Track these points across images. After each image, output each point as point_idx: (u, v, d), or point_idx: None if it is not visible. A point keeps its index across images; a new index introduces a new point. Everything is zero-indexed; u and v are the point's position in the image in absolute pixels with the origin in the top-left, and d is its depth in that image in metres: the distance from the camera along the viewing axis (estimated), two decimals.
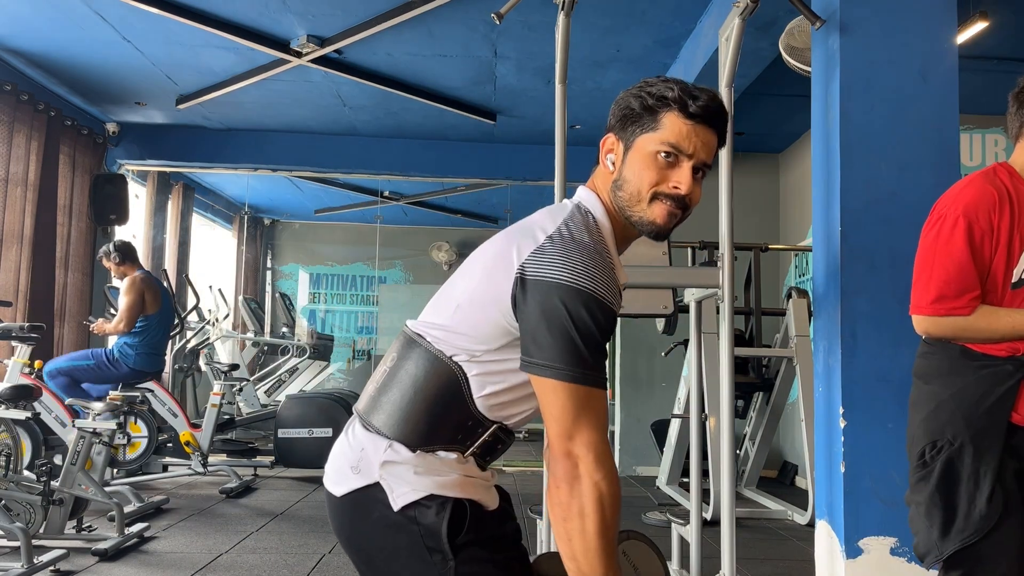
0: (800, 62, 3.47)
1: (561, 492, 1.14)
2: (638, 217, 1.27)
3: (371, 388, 1.31)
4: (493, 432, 1.25)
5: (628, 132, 1.27)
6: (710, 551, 3.55)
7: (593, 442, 1.14)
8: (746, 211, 6.47)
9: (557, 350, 1.14)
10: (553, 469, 1.15)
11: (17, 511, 3.49)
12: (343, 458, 1.28)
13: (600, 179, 1.32)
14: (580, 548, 1.13)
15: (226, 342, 7.90)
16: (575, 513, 1.12)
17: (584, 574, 1.13)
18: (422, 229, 9.99)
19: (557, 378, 1.14)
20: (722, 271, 2.82)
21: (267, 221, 10.06)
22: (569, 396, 1.15)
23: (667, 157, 1.24)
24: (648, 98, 1.25)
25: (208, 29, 4.63)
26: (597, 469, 1.13)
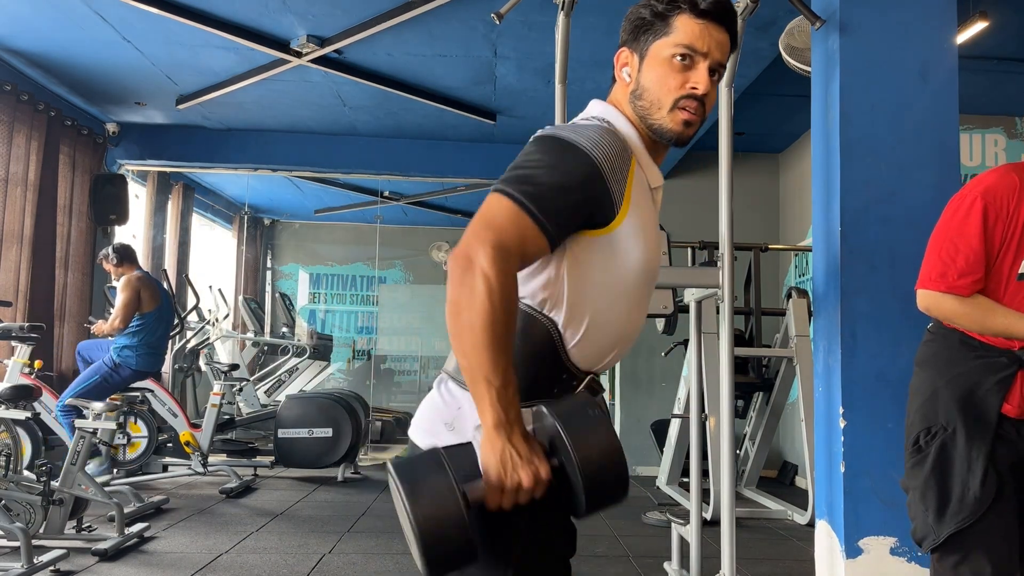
0: (800, 62, 3.47)
1: (453, 287, 1.09)
2: (659, 124, 1.26)
3: None
4: (588, 384, 1.24)
5: (641, 41, 1.28)
6: (710, 551, 3.55)
7: (497, 244, 1.09)
8: (746, 211, 6.47)
9: (513, 173, 1.17)
10: (449, 268, 1.11)
11: (17, 511, 3.49)
12: (437, 412, 1.25)
13: (619, 94, 1.32)
14: (468, 342, 1.07)
15: (226, 342, 7.90)
16: (464, 306, 1.07)
17: (474, 369, 1.08)
18: (422, 229, 9.99)
19: (497, 191, 1.15)
20: (722, 271, 2.82)
21: (267, 221, 10.06)
22: (496, 206, 1.14)
23: (683, 60, 1.24)
24: (658, 4, 1.26)
25: (208, 29, 4.62)
26: (491, 265, 1.07)
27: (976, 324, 1.77)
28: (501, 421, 1.07)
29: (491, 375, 1.07)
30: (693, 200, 6.42)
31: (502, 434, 1.07)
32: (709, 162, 6.18)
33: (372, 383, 9.42)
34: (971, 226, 1.75)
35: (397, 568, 3.56)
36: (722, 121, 2.86)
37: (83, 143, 6.18)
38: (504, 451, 1.07)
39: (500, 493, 1.08)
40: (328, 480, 5.90)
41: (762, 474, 5.88)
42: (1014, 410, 1.78)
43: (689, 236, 5.10)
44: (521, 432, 1.09)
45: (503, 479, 1.07)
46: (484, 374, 1.07)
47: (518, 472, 1.07)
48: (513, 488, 1.07)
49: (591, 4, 4.29)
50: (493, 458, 1.08)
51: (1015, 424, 1.78)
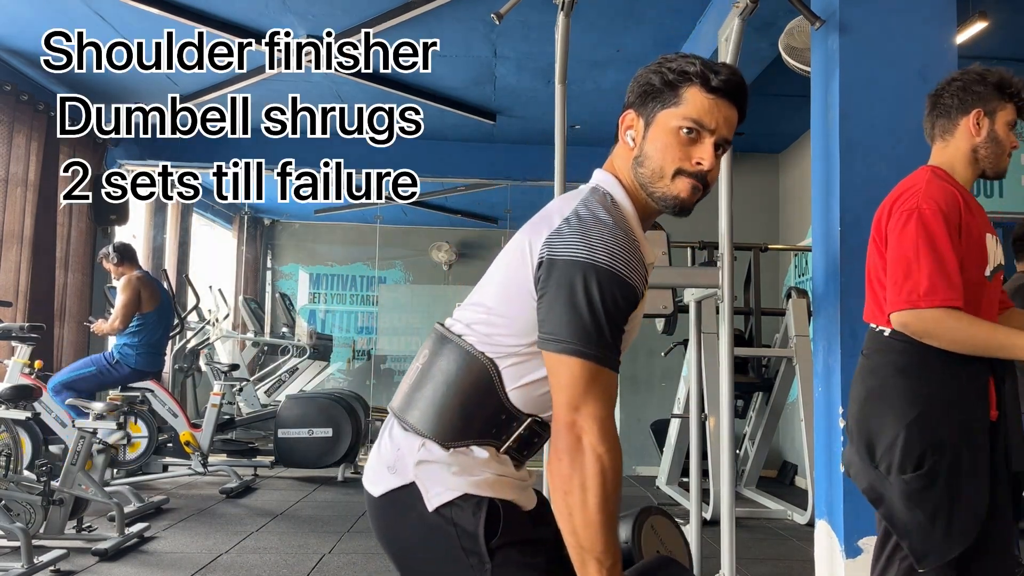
0: (800, 62, 3.47)
1: (563, 464, 1.12)
2: (661, 193, 1.25)
3: (405, 386, 1.30)
4: (528, 426, 1.24)
5: (648, 108, 1.26)
6: (710, 551, 3.55)
7: (599, 416, 1.12)
8: (746, 211, 6.47)
9: (569, 325, 1.14)
10: (555, 442, 1.13)
11: (17, 511, 3.49)
12: (380, 457, 1.28)
13: (619, 158, 1.30)
14: (580, 521, 1.10)
15: (226, 342, 7.90)
16: (576, 486, 1.10)
17: (584, 548, 1.11)
18: (422, 229, 9.98)
19: (567, 353, 1.13)
20: (722, 271, 2.82)
21: (267, 221, 10.05)
22: (578, 370, 1.13)
23: (689, 133, 1.22)
24: (668, 73, 1.23)
25: (208, 29, 4.63)
26: (601, 442, 1.11)
27: (960, 336, 1.71)
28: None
29: (603, 555, 1.11)
30: None
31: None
32: None
33: (372, 383, 9.42)
34: (943, 240, 1.72)
35: None
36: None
37: (83, 143, 6.18)
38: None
39: None
40: (328, 480, 5.90)
41: (762, 474, 5.87)
42: (994, 414, 1.78)
43: (689, 236, 5.10)
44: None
45: None
46: (596, 555, 1.11)
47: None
48: None
49: (591, 4, 4.30)
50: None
51: (995, 427, 1.78)
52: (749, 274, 5.46)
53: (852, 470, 1.88)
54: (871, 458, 1.80)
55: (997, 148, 1.86)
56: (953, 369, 1.76)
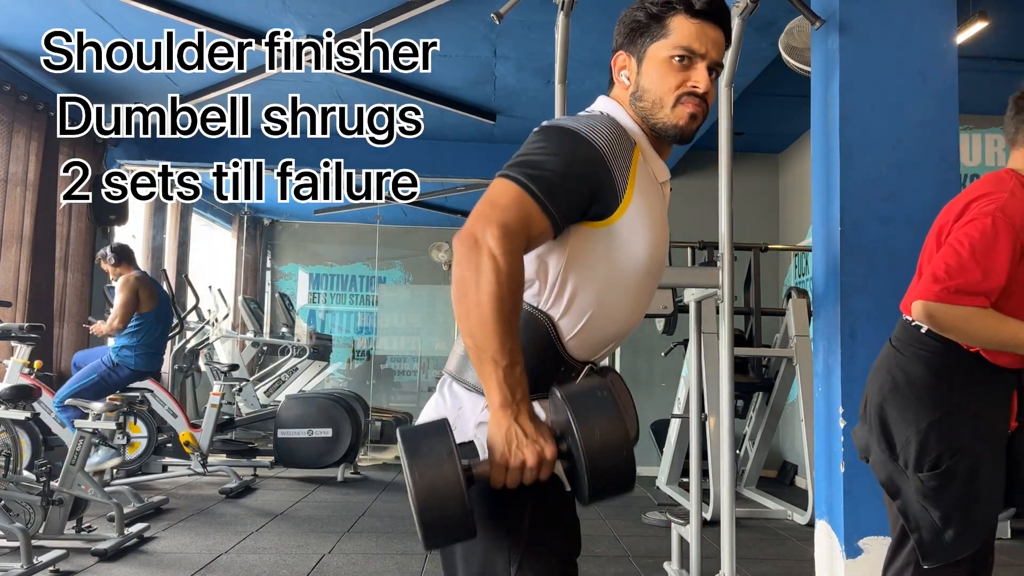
0: (800, 62, 3.47)
1: (460, 268, 1.10)
2: (662, 123, 1.27)
3: (458, 348, 1.28)
4: (586, 373, 1.25)
5: (638, 44, 1.29)
6: (710, 551, 3.55)
7: (504, 224, 1.10)
8: (746, 211, 6.47)
9: (518, 159, 1.18)
10: (455, 248, 1.11)
11: (17, 511, 3.48)
12: (438, 413, 1.26)
13: (619, 95, 1.33)
14: (476, 321, 1.08)
15: (226, 342, 7.89)
16: (471, 287, 1.08)
17: (480, 349, 1.08)
18: (422, 229, 9.98)
19: (503, 176, 1.17)
20: (722, 271, 2.82)
21: (267, 221, 10.05)
22: (503, 190, 1.15)
23: (681, 60, 1.25)
24: (652, 6, 1.27)
25: (208, 29, 4.62)
26: (499, 246, 1.08)
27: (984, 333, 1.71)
28: (507, 400, 1.08)
29: (498, 355, 1.08)
30: (693, 200, 6.41)
31: (508, 413, 1.08)
32: (709, 162, 6.17)
33: (372, 383, 9.42)
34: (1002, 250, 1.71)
35: (397, 568, 3.56)
36: (722, 121, 2.86)
37: (83, 143, 6.18)
38: (510, 429, 1.08)
39: (504, 471, 1.08)
40: (328, 480, 5.90)
41: (762, 474, 5.88)
42: (1013, 425, 1.82)
43: (689, 236, 5.10)
44: (528, 412, 1.09)
45: (507, 457, 1.08)
46: (491, 354, 1.08)
47: (523, 451, 1.07)
48: (517, 466, 1.08)
49: (591, 4, 4.29)
50: (498, 436, 1.08)
51: (1012, 437, 1.82)
52: (749, 274, 5.46)
53: (871, 459, 1.89)
54: (891, 451, 1.82)
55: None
56: (983, 378, 1.78)
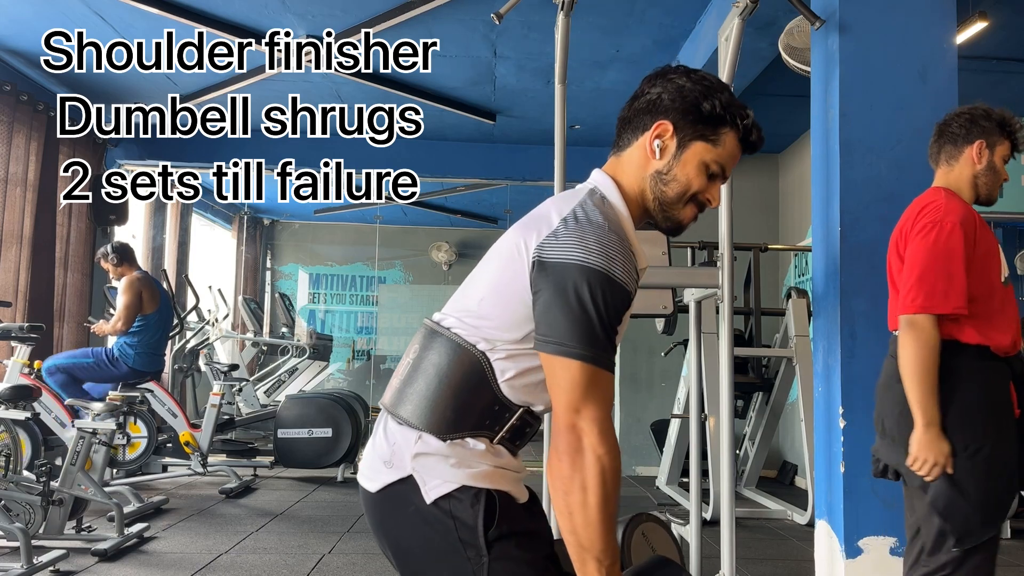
0: (800, 62, 3.47)
1: (563, 465, 1.14)
2: (672, 214, 1.31)
3: (396, 382, 1.31)
4: (520, 416, 1.26)
5: (688, 132, 1.28)
6: (710, 551, 3.55)
7: (598, 418, 1.14)
8: (746, 211, 6.47)
9: (568, 329, 1.16)
10: (555, 443, 1.16)
11: (17, 511, 3.48)
12: (376, 453, 1.28)
13: (633, 163, 1.32)
14: (581, 521, 1.13)
15: (226, 342, 7.90)
16: (577, 487, 1.12)
17: (584, 548, 1.13)
18: (422, 229, 9.99)
19: (566, 355, 1.16)
20: (722, 271, 2.82)
21: (266, 221, 10.06)
22: (577, 373, 1.15)
23: (712, 173, 1.30)
24: (718, 106, 1.28)
25: (208, 29, 4.63)
26: (601, 443, 1.13)
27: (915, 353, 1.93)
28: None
29: (602, 555, 1.14)
30: None
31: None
32: None
33: (372, 383, 9.42)
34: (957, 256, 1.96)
35: None
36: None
37: (83, 143, 6.18)
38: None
39: None
40: (328, 480, 5.90)
41: (762, 474, 5.87)
42: (1017, 412, 2.00)
43: (689, 236, 5.07)
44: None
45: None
46: (596, 554, 1.14)
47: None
48: None
49: (591, 4, 4.30)
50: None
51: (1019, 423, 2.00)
52: (749, 274, 5.46)
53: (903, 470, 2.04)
54: None
55: (994, 177, 2.13)
56: (984, 369, 1.98)
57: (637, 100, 1.32)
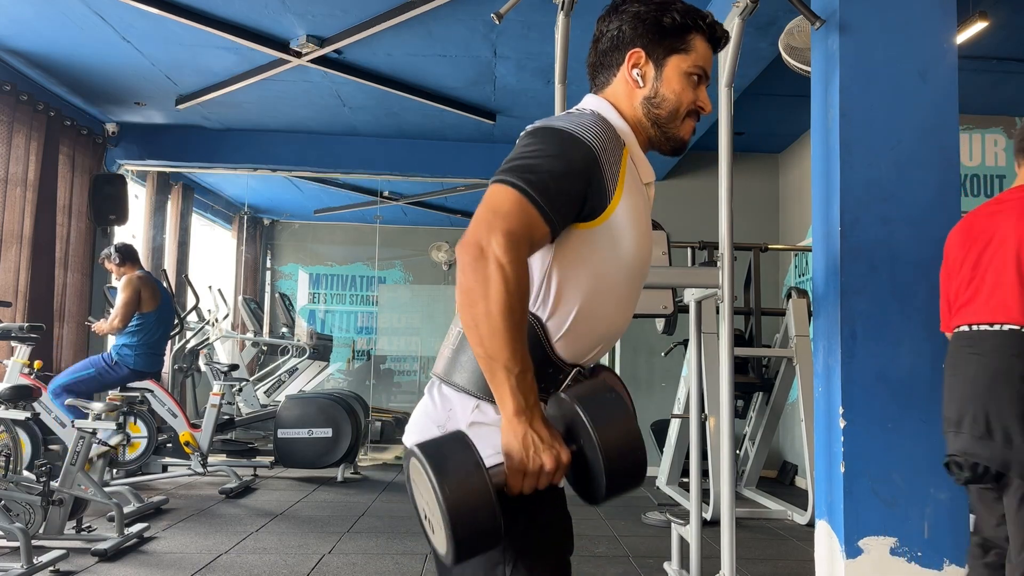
0: (800, 62, 3.47)
1: (466, 277, 1.11)
2: (673, 132, 1.33)
3: (446, 351, 1.29)
4: (574, 376, 1.25)
5: (658, 51, 1.31)
6: (710, 551, 3.55)
7: (508, 232, 1.11)
8: (746, 211, 6.47)
9: (514, 163, 1.18)
10: (460, 257, 1.12)
11: (17, 511, 3.49)
12: (428, 416, 1.26)
13: (621, 93, 1.33)
14: (486, 331, 1.09)
15: (226, 342, 7.89)
16: (479, 296, 1.09)
17: (492, 358, 1.10)
18: (422, 229, 9.98)
19: (500, 182, 1.16)
20: (722, 271, 2.82)
21: (267, 221, 10.05)
22: (502, 196, 1.15)
23: (696, 78, 1.32)
24: (678, 16, 1.30)
25: (208, 29, 4.62)
26: (505, 253, 1.09)
27: None
28: (522, 407, 1.10)
29: (510, 362, 1.09)
30: (693, 200, 6.41)
31: (523, 419, 1.10)
32: (709, 162, 6.18)
33: (372, 383, 9.41)
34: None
35: (397, 568, 3.56)
36: (722, 121, 2.85)
37: (83, 143, 6.18)
38: (526, 435, 1.09)
39: (522, 477, 1.10)
40: (328, 480, 5.90)
41: (762, 474, 5.87)
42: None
43: (689, 236, 5.10)
44: (541, 417, 1.11)
45: (526, 463, 1.09)
46: (503, 362, 1.09)
47: (540, 456, 1.09)
48: (535, 472, 1.10)
49: (591, 4, 4.29)
50: (516, 443, 1.10)
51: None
52: (749, 274, 5.46)
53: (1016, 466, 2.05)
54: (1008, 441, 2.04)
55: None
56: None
57: (600, 42, 1.35)
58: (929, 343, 2.67)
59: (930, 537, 2.63)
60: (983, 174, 5.61)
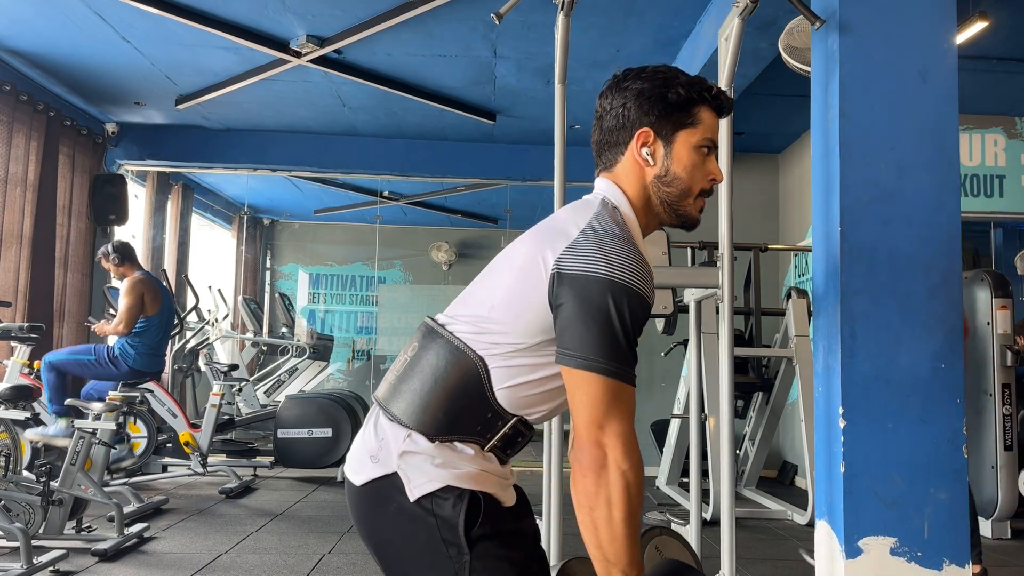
0: (800, 62, 3.47)
1: (588, 481, 1.14)
2: (685, 211, 1.33)
3: (391, 377, 1.31)
4: (513, 425, 1.25)
5: (666, 127, 1.30)
6: (710, 551, 3.55)
7: (622, 432, 1.15)
8: (746, 211, 6.47)
9: (592, 342, 1.15)
10: (579, 458, 1.15)
11: (17, 511, 3.48)
12: (364, 447, 1.28)
13: (630, 173, 1.32)
14: (607, 536, 1.13)
15: (225, 342, 7.89)
16: (602, 502, 1.13)
17: (610, 562, 1.14)
18: (421, 229, 9.99)
19: (591, 370, 1.15)
20: (722, 271, 2.82)
21: (266, 221, 10.05)
22: (601, 388, 1.15)
23: (706, 151, 1.31)
24: (683, 90, 1.29)
25: (208, 29, 4.62)
26: (625, 459, 1.13)
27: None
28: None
29: (628, 568, 1.15)
30: None
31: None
32: None
33: (372, 383, 9.41)
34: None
35: None
36: (722, 121, 2.85)
37: (82, 143, 6.18)
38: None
39: None
40: (328, 480, 5.90)
41: (762, 474, 5.88)
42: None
43: (689, 236, 5.10)
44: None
45: None
46: (622, 567, 1.15)
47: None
48: None
49: (591, 4, 4.29)
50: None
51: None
52: (749, 274, 5.46)
53: None
54: None
55: None
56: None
57: (604, 119, 1.34)
58: (929, 343, 2.67)
59: (930, 537, 2.62)
60: (983, 174, 5.61)
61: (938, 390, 2.63)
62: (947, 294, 2.68)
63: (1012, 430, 4.47)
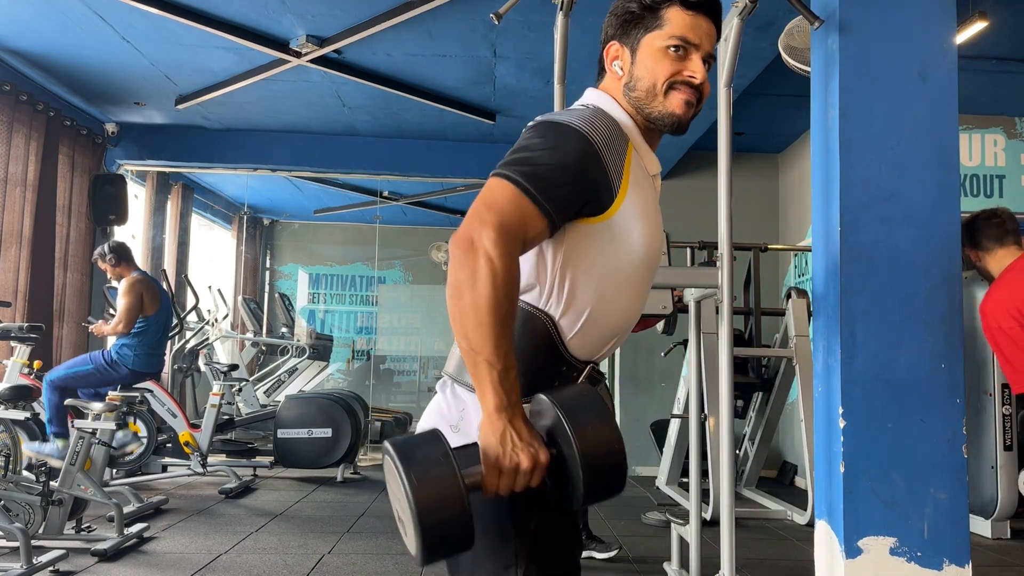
0: (799, 62, 3.47)
1: (454, 269, 1.09)
2: (657, 112, 1.27)
3: (458, 350, 1.27)
4: (588, 373, 1.24)
5: (632, 35, 1.29)
6: (710, 551, 3.55)
7: (501, 227, 1.09)
8: (746, 211, 6.47)
9: (513, 158, 1.16)
10: (451, 250, 1.11)
11: (16, 511, 3.49)
12: (441, 416, 1.25)
13: (611, 86, 1.32)
14: (471, 324, 1.07)
15: (225, 342, 7.89)
16: (467, 288, 1.07)
17: (475, 351, 1.07)
18: (421, 229, 9.99)
19: (495, 175, 1.15)
20: (721, 271, 2.82)
21: (266, 221, 10.06)
22: (500, 190, 1.13)
23: (677, 51, 1.26)
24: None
25: (208, 29, 4.62)
26: (495, 246, 1.08)
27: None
28: (503, 404, 1.07)
29: (493, 358, 1.07)
30: (693, 200, 6.41)
31: (503, 416, 1.07)
32: (708, 162, 6.17)
33: (371, 383, 9.42)
34: None
35: (397, 568, 3.56)
36: (721, 121, 2.85)
37: (82, 143, 6.18)
38: (504, 433, 1.07)
39: (498, 475, 1.07)
40: (327, 480, 5.90)
41: (762, 474, 5.88)
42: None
43: (689, 236, 5.10)
44: (522, 416, 1.09)
45: (502, 461, 1.06)
46: (486, 356, 1.07)
47: (518, 454, 1.06)
48: (511, 470, 1.06)
49: (591, 4, 4.29)
50: (493, 439, 1.07)
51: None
52: (749, 274, 5.46)
53: None
54: None
55: None
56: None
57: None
58: (929, 343, 2.67)
59: (930, 537, 2.63)
60: (983, 174, 5.61)
61: (938, 390, 2.63)
62: (947, 294, 2.68)
63: (1012, 430, 4.47)
